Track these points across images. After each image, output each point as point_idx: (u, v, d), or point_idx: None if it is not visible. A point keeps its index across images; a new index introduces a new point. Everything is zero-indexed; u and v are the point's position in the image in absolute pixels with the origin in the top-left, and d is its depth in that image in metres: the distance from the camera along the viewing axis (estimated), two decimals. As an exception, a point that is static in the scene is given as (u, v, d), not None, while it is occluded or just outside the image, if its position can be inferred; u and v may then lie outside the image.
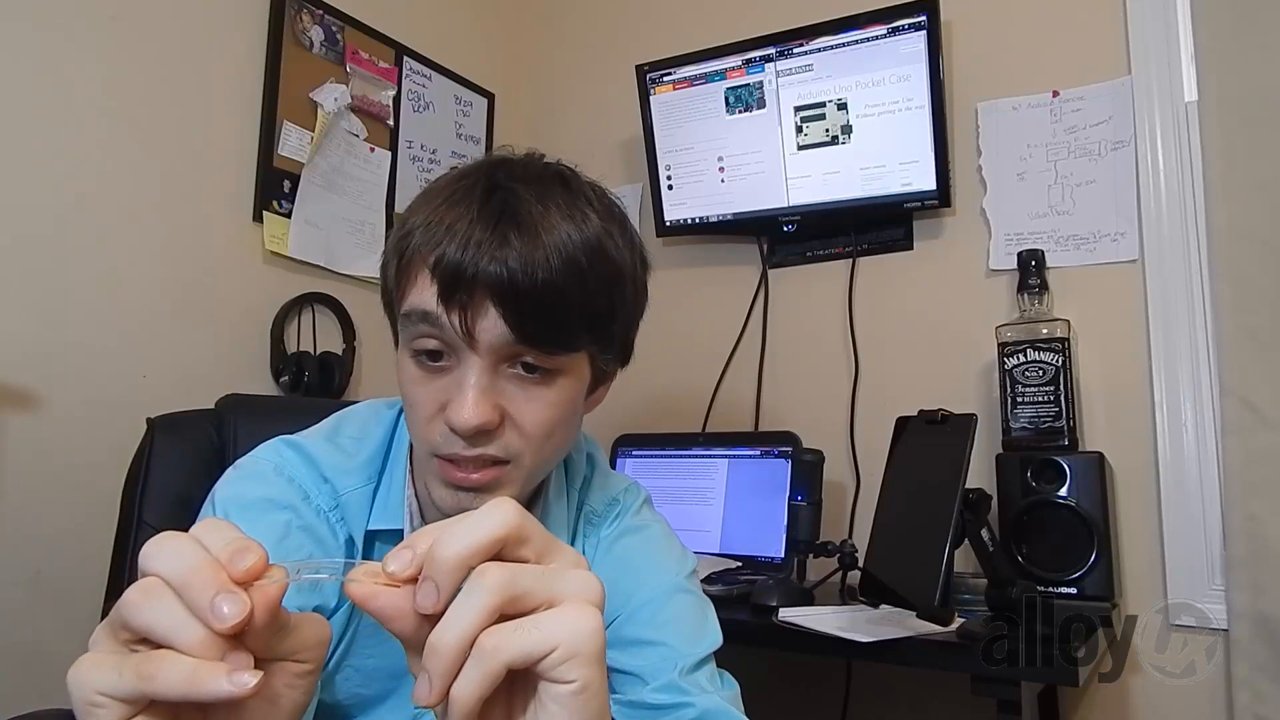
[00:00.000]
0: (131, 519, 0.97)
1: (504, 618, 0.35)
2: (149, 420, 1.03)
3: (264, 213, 1.55)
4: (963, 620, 1.10)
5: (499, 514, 0.37)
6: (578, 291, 0.61)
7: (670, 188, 1.87)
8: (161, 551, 0.34)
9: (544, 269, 0.59)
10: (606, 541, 0.81)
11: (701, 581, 1.37)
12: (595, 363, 0.69)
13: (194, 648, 0.33)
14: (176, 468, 1.00)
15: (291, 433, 0.77)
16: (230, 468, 0.74)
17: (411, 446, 0.74)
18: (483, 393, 0.61)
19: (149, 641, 0.34)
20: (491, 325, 0.60)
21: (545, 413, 0.64)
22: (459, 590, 0.35)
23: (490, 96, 2.12)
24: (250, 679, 0.33)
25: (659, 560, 0.81)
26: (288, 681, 0.37)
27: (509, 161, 0.68)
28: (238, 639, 0.34)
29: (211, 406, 1.09)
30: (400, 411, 0.77)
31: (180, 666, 0.32)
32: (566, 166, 0.70)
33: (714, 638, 0.79)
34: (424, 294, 0.61)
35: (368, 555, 0.72)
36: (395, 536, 0.72)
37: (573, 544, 0.79)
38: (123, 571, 0.96)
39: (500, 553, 0.36)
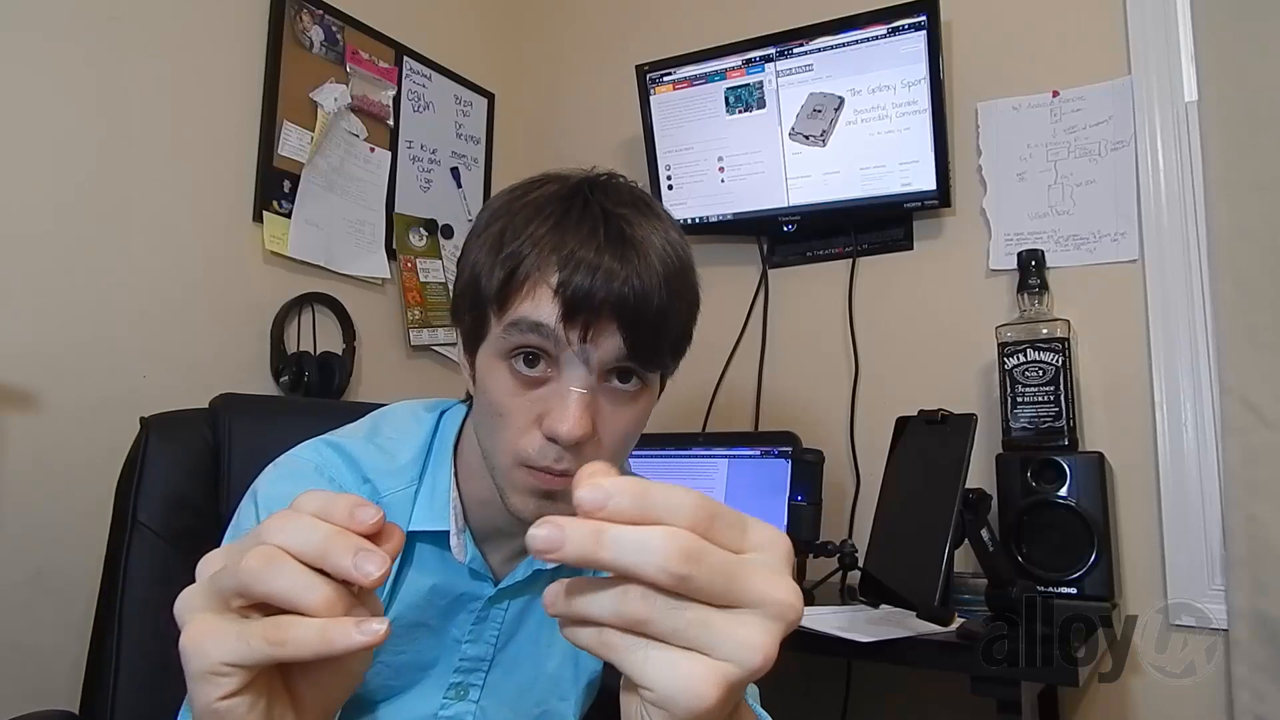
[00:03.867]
0: (126, 518, 0.96)
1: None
2: (143, 419, 1.02)
3: (264, 213, 1.55)
4: (963, 620, 1.10)
5: (695, 494, 0.34)
6: (677, 312, 0.68)
7: (670, 188, 1.87)
8: (286, 525, 0.37)
9: (658, 292, 0.64)
10: None
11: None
12: (663, 379, 0.73)
13: (320, 608, 0.35)
14: (171, 467, 0.99)
15: (285, 428, 0.80)
16: (270, 465, 0.75)
17: (456, 451, 0.76)
18: (587, 405, 0.63)
19: (263, 608, 0.36)
20: (610, 343, 0.63)
21: (628, 426, 0.68)
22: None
23: (490, 96, 2.12)
24: (379, 626, 0.35)
25: None
26: None
27: (601, 183, 0.71)
28: (351, 597, 0.36)
29: (205, 406, 1.09)
30: (441, 415, 0.79)
31: (310, 627, 0.35)
32: (641, 189, 0.74)
33: None
34: (541, 308, 0.63)
35: (408, 557, 0.74)
36: (439, 538, 0.74)
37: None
38: (117, 571, 0.95)
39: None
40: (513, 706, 0.80)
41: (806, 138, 1.71)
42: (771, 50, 1.73)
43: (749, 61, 1.76)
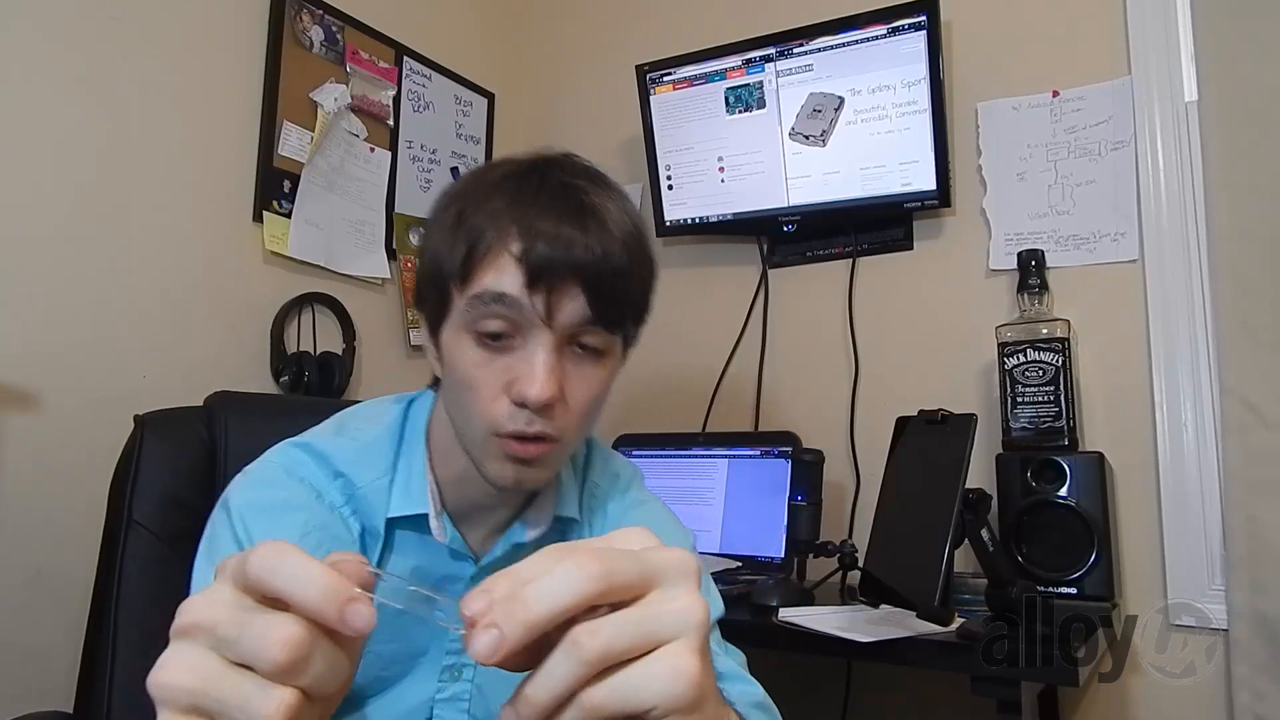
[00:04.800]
0: (121, 518, 0.95)
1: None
2: (137, 417, 1.01)
3: (264, 213, 1.55)
4: (963, 620, 1.10)
5: (580, 575, 0.35)
6: (637, 275, 0.70)
7: (670, 188, 1.87)
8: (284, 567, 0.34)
9: (617, 255, 0.67)
10: (615, 515, 0.85)
11: (701, 581, 1.37)
12: (625, 345, 0.75)
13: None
14: (167, 465, 0.99)
15: (281, 426, 0.79)
16: (239, 474, 0.75)
17: (429, 436, 0.77)
18: (553, 369, 0.65)
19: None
20: (573, 306, 0.65)
21: (594, 390, 0.70)
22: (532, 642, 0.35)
23: (490, 96, 2.12)
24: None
25: (669, 534, 0.85)
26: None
27: (556, 160, 0.73)
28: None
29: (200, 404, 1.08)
30: (409, 403, 0.81)
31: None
32: (594, 165, 0.77)
33: (720, 606, 0.84)
34: (504, 278, 0.65)
35: (388, 543, 0.75)
36: (419, 522, 0.75)
37: (579, 519, 0.82)
38: (112, 571, 0.93)
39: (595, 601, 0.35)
40: (508, 679, 0.80)
41: (806, 138, 1.71)
42: (771, 50, 1.73)
43: (749, 61, 1.75)
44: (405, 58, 1.87)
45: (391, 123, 1.82)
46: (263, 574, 0.34)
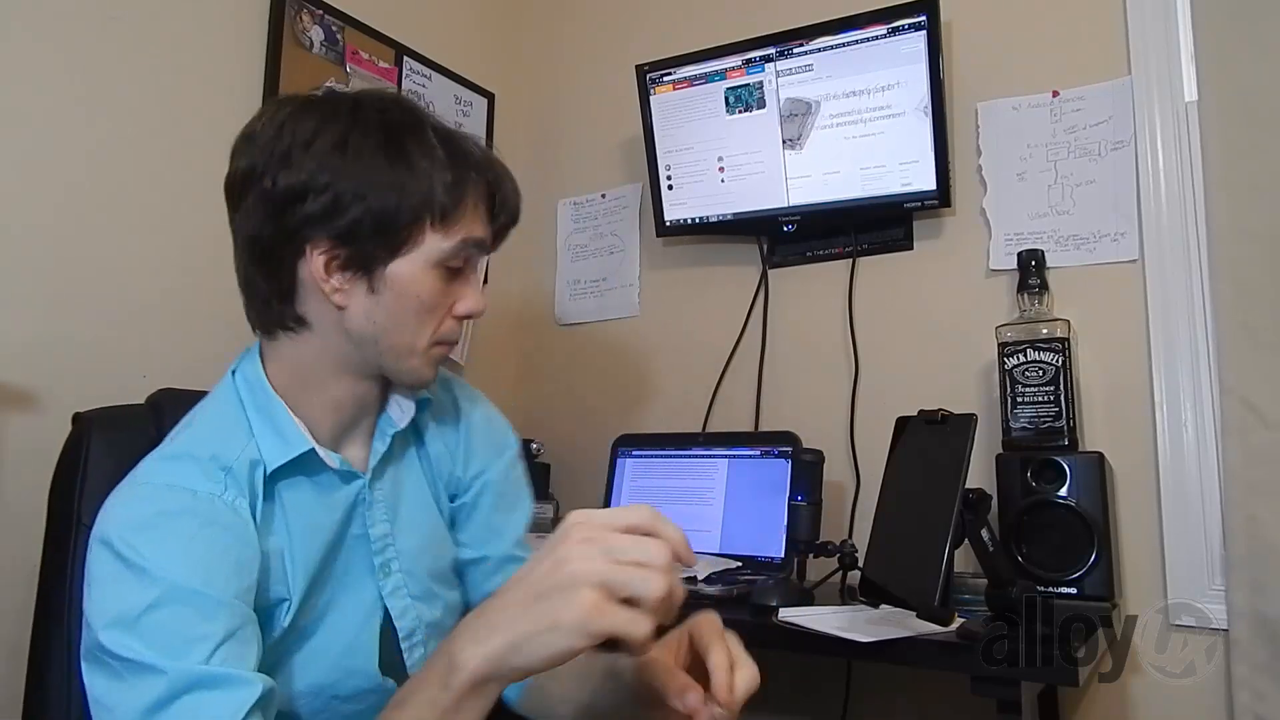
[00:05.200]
0: (70, 521, 0.89)
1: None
2: (77, 416, 0.97)
3: (264, 213, 1.55)
4: (963, 620, 1.10)
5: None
6: None
7: (670, 188, 1.87)
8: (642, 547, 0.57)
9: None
10: (457, 397, 0.97)
11: (701, 582, 1.38)
12: None
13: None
14: (116, 465, 0.91)
15: None
16: (111, 505, 0.73)
17: (273, 385, 0.82)
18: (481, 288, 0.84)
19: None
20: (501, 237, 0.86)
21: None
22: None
23: (490, 96, 2.12)
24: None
25: (504, 430, 1.01)
26: None
27: (408, 104, 0.82)
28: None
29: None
30: (233, 373, 0.85)
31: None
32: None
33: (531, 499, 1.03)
34: (479, 225, 0.81)
35: (277, 504, 0.79)
36: (301, 464, 0.79)
37: (432, 395, 0.93)
38: (63, 576, 0.87)
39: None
40: (426, 566, 0.89)
41: (785, 141, 1.72)
42: (771, 50, 1.73)
43: (749, 61, 1.75)
44: (405, 58, 1.87)
45: (391, 123, 1.82)
46: (643, 521, 0.58)
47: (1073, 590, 1.30)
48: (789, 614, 1.19)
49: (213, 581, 0.68)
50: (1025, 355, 1.43)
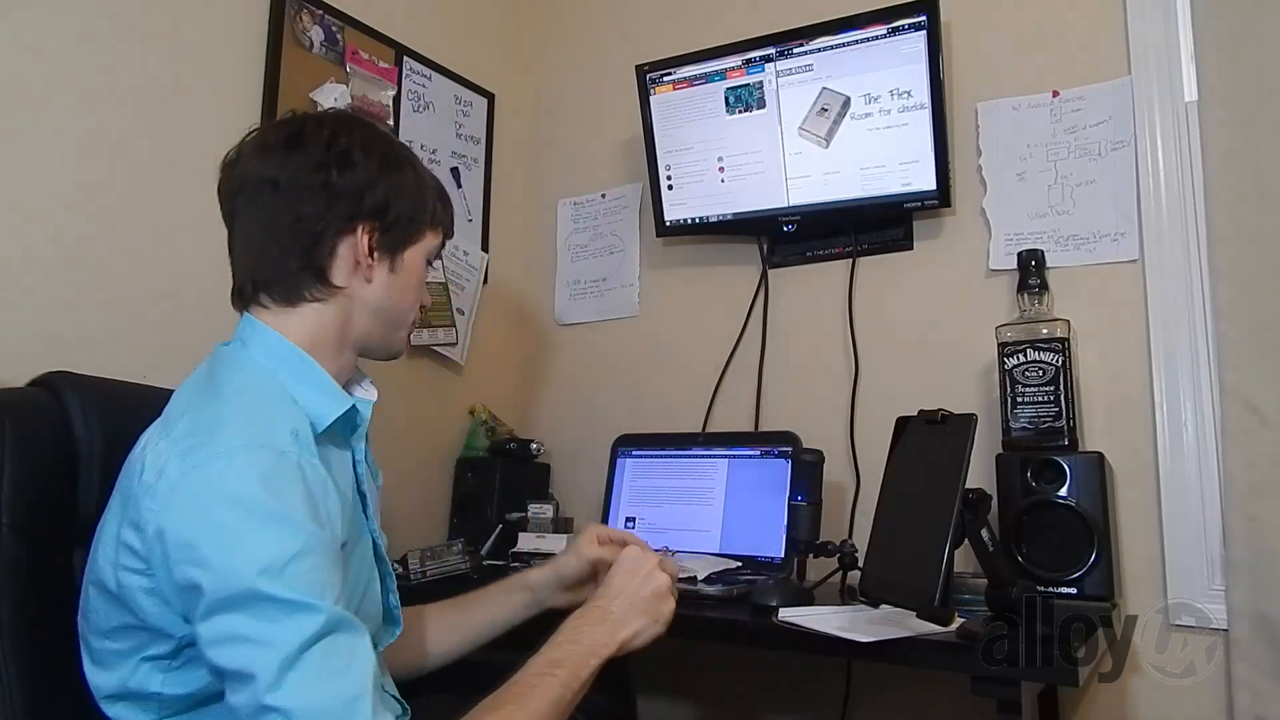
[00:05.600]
0: None
1: None
2: None
3: (264, 213, 1.55)
4: (963, 620, 1.10)
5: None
6: None
7: (670, 188, 1.87)
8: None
9: None
10: None
11: (701, 582, 1.38)
12: None
13: None
14: (32, 460, 0.89)
15: (131, 406, 0.93)
16: (208, 474, 0.75)
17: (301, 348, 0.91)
18: None
19: None
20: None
21: None
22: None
23: (490, 96, 2.12)
24: None
25: None
26: None
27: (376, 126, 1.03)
28: None
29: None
30: (245, 348, 0.92)
31: None
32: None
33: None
34: (444, 233, 1.03)
35: (327, 445, 0.89)
36: (353, 413, 0.93)
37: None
38: None
39: None
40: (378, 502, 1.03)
41: (814, 135, 1.71)
42: (771, 50, 1.73)
43: (749, 61, 1.75)
44: (405, 58, 1.87)
45: (391, 123, 1.83)
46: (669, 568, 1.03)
47: (1073, 590, 1.30)
48: (789, 614, 1.19)
49: (329, 531, 0.79)
50: (1025, 355, 1.43)
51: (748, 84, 1.76)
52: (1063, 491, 1.34)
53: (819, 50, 1.68)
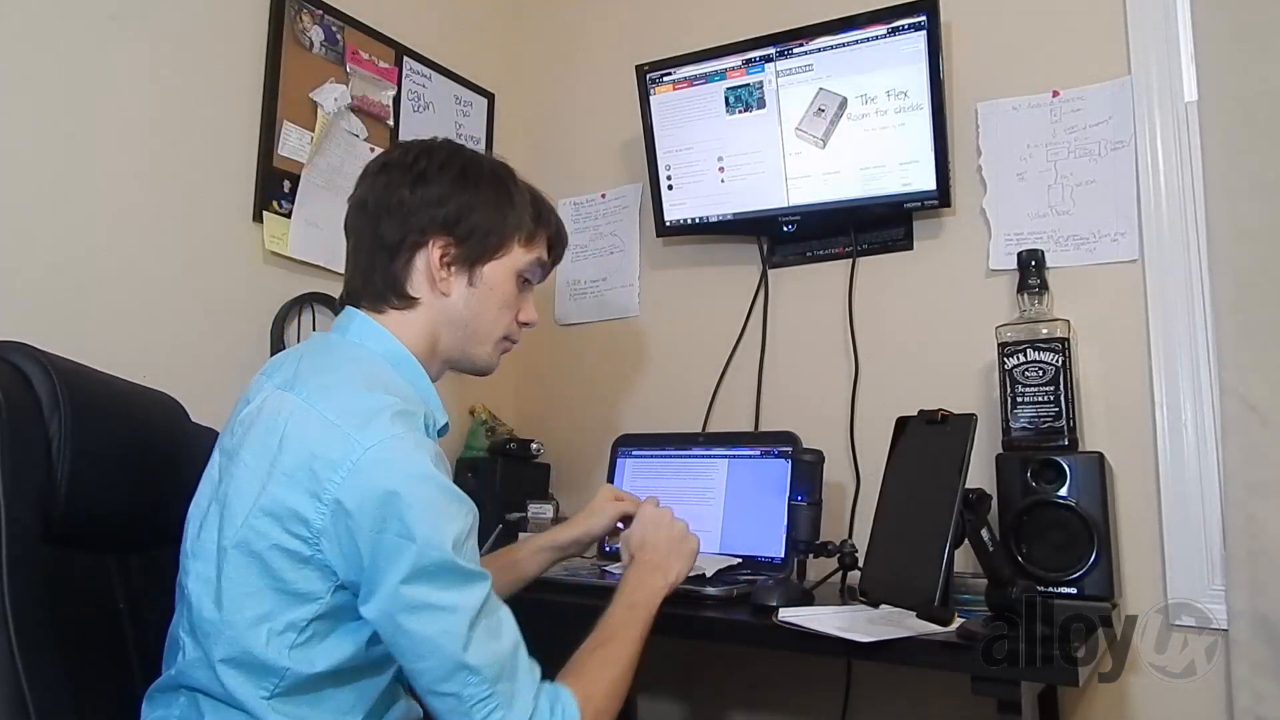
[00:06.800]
0: None
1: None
2: None
3: (264, 213, 1.55)
4: (963, 620, 1.10)
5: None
6: None
7: (670, 188, 1.87)
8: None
9: None
10: None
11: (707, 581, 1.38)
12: None
13: None
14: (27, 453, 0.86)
15: (74, 369, 0.96)
16: (381, 457, 0.81)
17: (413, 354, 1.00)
18: None
19: None
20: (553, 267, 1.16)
21: None
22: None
23: (490, 96, 2.12)
24: None
25: None
26: None
27: (505, 161, 1.10)
28: None
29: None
30: (362, 341, 0.98)
31: None
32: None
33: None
34: (543, 251, 1.09)
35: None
36: (445, 428, 1.01)
37: None
38: None
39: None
40: None
41: (811, 136, 1.71)
42: (771, 50, 1.73)
43: (749, 61, 1.75)
44: (405, 58, 1.87)
45: (391, 123, 1.83)
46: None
47: (1073, 590, 1.30)
48: (789, 614, 1.19)
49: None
50: (1025, 355, 1.43)
51: (748, 84, 1.76)
52: (1063, 491, 1.34)
53: (819, 50, 1.68)
